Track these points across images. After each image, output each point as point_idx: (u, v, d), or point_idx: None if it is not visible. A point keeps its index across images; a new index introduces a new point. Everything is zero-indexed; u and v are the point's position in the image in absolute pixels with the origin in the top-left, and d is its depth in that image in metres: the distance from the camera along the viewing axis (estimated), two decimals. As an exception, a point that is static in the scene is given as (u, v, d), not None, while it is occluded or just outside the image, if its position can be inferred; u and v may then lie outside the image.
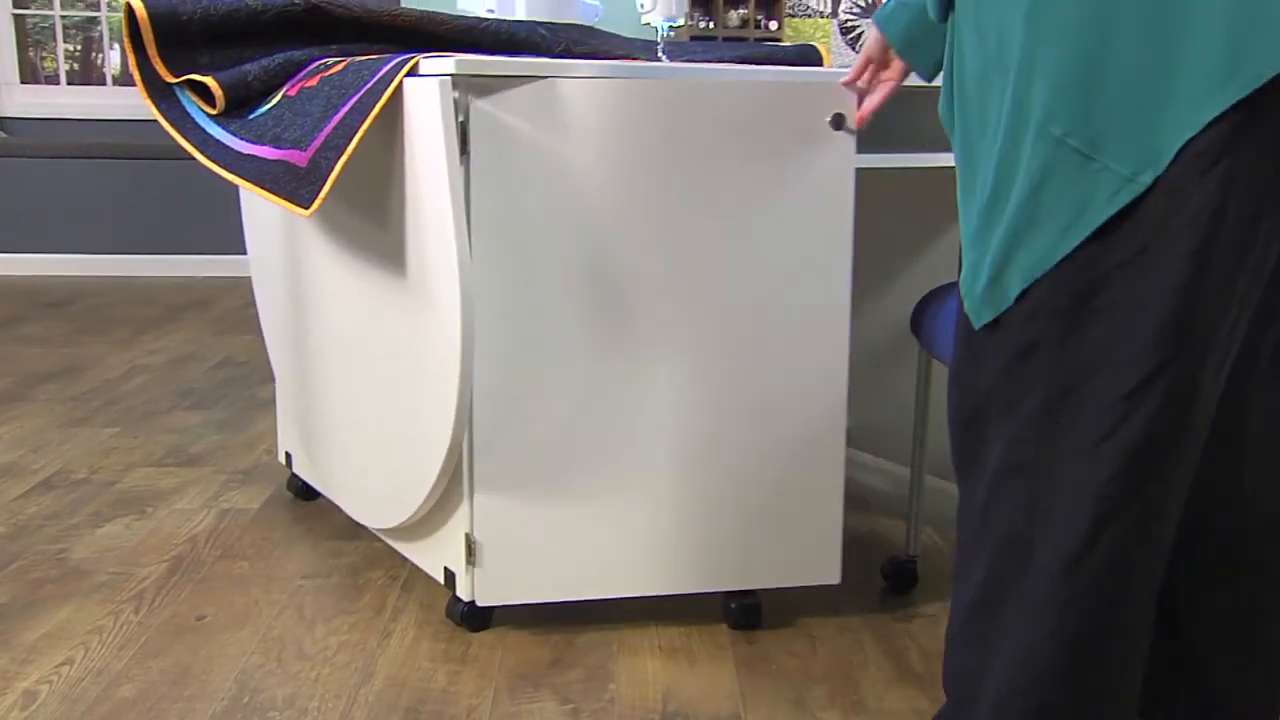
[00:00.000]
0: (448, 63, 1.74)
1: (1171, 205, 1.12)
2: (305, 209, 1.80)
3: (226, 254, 5.75)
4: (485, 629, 1.96)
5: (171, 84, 2.04)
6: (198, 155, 1.99)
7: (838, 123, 1.87)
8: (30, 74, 6.14)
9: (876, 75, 1.78)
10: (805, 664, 1.87)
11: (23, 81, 5.96)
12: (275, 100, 1.97)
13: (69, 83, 6.06)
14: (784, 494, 1.96)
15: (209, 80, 1.98)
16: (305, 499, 2.56)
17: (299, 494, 2.56)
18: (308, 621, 2.00)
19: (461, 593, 1.93)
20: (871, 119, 1.86)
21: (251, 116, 1.98)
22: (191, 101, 2.05)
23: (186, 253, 5.82)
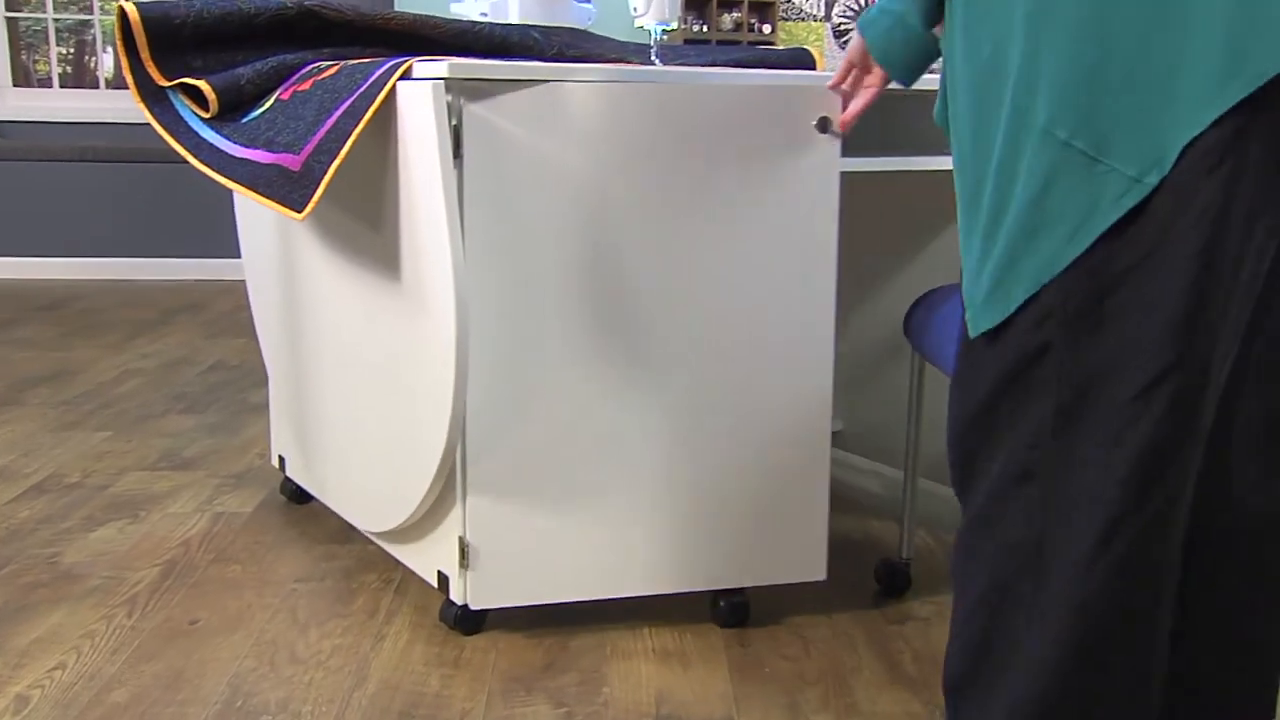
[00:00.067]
0: (441, 66, 1.74)
1: (1178, 205, 1.11)
2: (298, 213, 1.80)
3: (220, 257, 5.74)
4: (478, 632, 1.96)
5: (164, 87, 2.04)
6: (191, 159, 1.99)
7: (823, 126, 1.88)
8: (23, 77, 6.13)
9: (860, 80, 1.78)
10: (798, 667, 1.88)
11: (15, 84, 5.95)
12: (268, 104, 1.97)
13: (62, 86, 6.05)
14: (771, 494, 1.98)
15: (202, 84, 1.98)
16: (298, 503, 2.55)
17: (292, 498, 2.56)
18: (301, 625, 2.00)
19: (455, 596, 1.93)
20: (856, 123, 1.87)
21: (244, 120, 1.98)
22: (184, 105, 2.04)
23: (179, 256, 5.81)
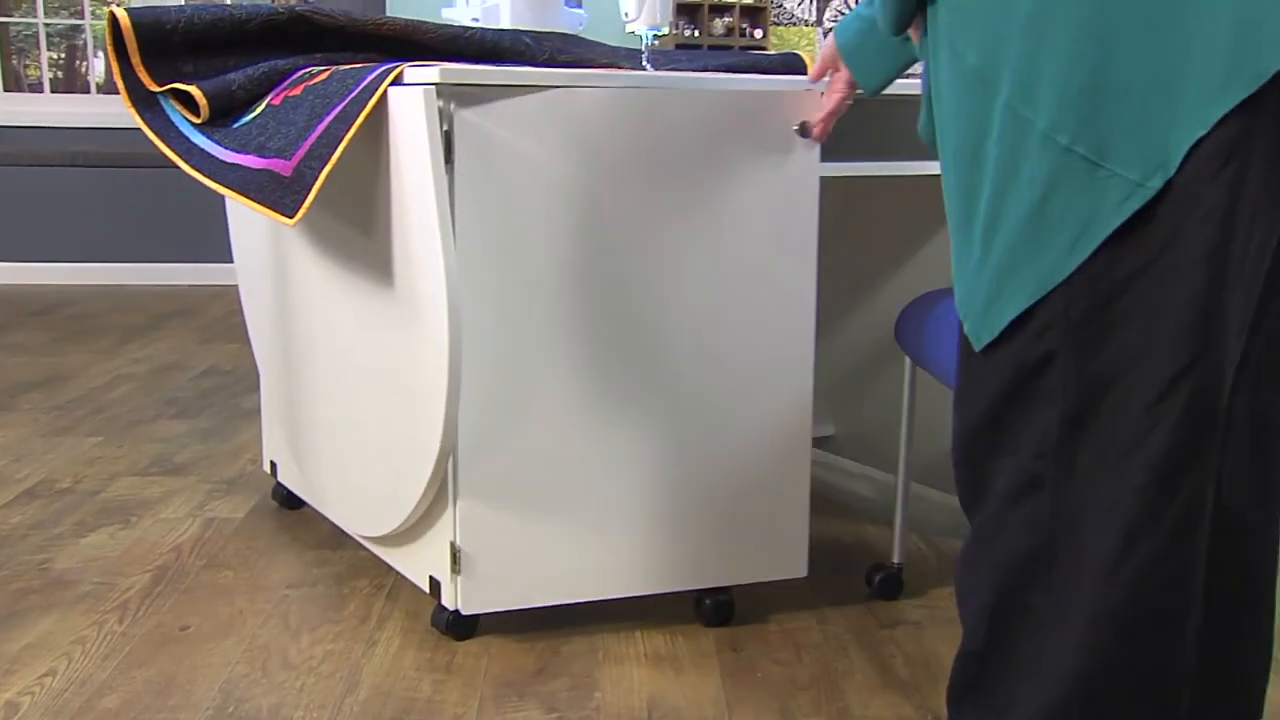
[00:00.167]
0: (432, 72, 1.74)
1: (1183, 208, 1.11)
2: (290, 218, 1.80)
3: (212, 262, 5.74)
4: (470, 637, 1.96)
5: (156, 93, 2.04)
6: (182, 164, 1.99)
7: (804, 131, 1.90)
8: (13, 82, 6.12)
9: (832, 82, 1.79)
10: (790, 671, 1.88)
11: (6, 89, 5.94)
12: (259, 109, 1.96)
13: (53, 91, 6.05)
14: (754, 495, 2.00)
15: (193, 89, 1.98)
16: (290, 508, 2.55)
17: (284, 503, 2.56)
18: (293, 631, 1.99)
19: (446, 601, 1.93)
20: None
21: (236, 125, 1.98)
22: (176, 110, 2.04)
23: (172, 261, 5.80)
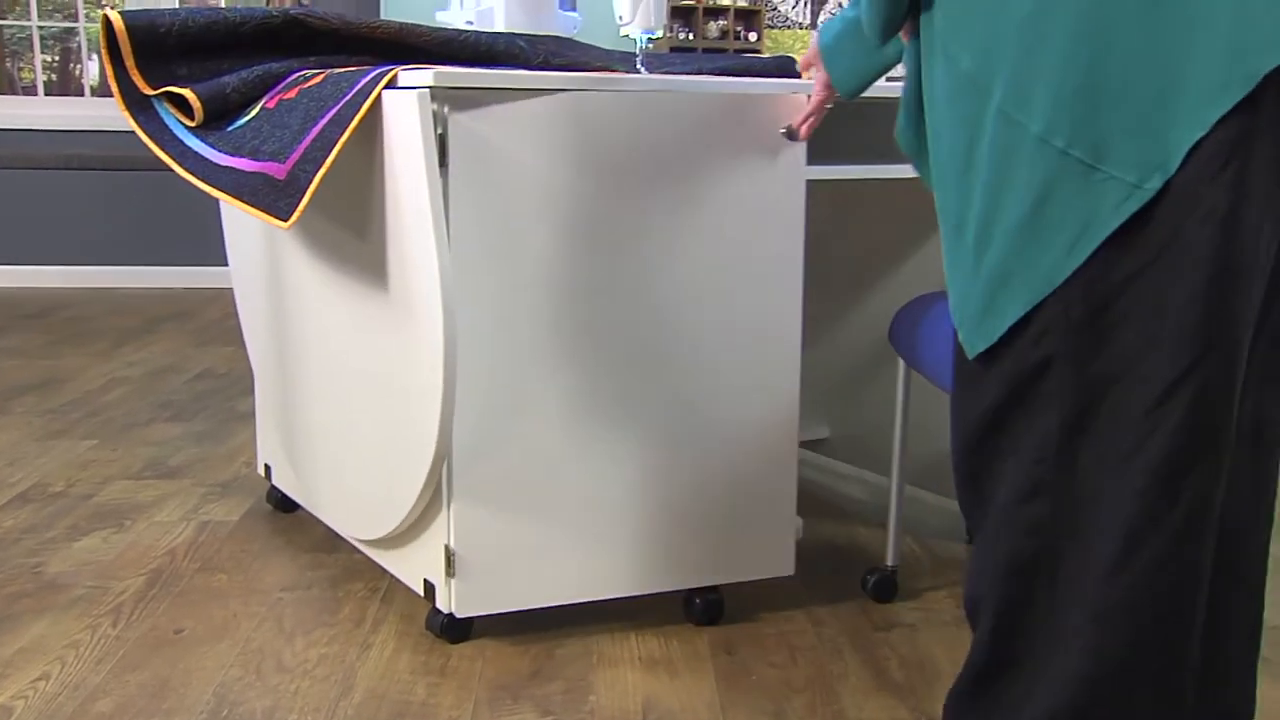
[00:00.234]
0: (426, 75, 1.74)
1: (1182, 209, 1.10)
2: (284, 221, 1.80)
3: (206, 265, 5.73)
4: (465, 640, 1.96)
5: (149, 96, 2.04)
6: (176, 167, 1.99)
7: (790, 134, 1.92)
8: (7, 85, 6.11)
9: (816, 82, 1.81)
10: (785, 674, 1.88)
11: (0, 93, 5.93)
12: (254, 112, 1.96)
13: (47, 93, 6.04)
14: (742, 495, 2.02)
15: (187, 92, 1.98)
16: (285, 511, 2.55)
17: (278, 506, 2.56)
18: (287, 634, 1.99)
19: (441, 604, 1.93)
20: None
21: (230, 129, 1.97)
22: (170, 113, 2.04)
23: (166, 264, 5.79)
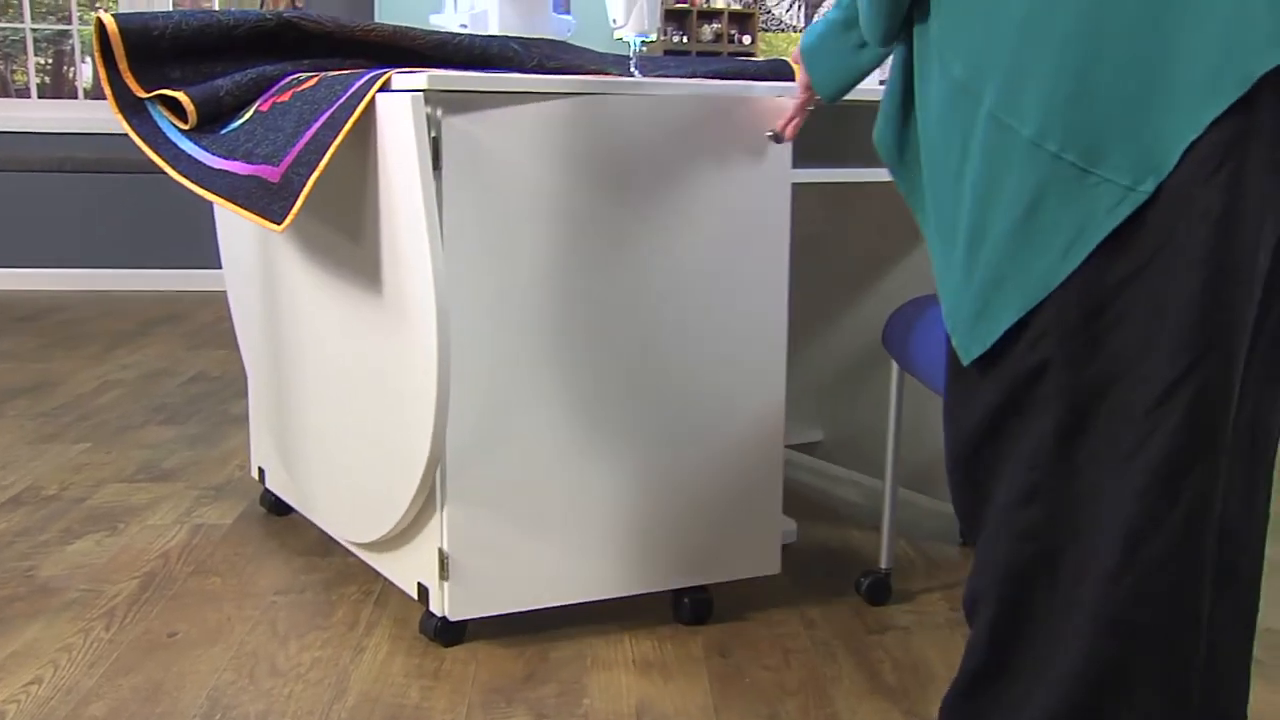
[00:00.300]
0: (420, 78, 1.74)
1: (1177, 211, 1.10)
2: (278, 225, 1.79)
3: (200, 268, 5.72)
4: (459, 644, 1.96)
5: (143, 99, 2.03)
6: (169, 170, 1.98)
7: (776, 137, 1.94)
8: (0, 87, 6.10)
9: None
10: (779, 677, 1.88)
11: (-7, 95, 5.93)
12: (247, 115, 1.96)
13: (40, 96, 6.03)
14: (730, 496, 2.03)
15: (180, 95, 1.97)
16: (278, 514, 2.55)
17: (272, 509, 2.55)
18: (280, 637, 1.99)
19: (434, 608, 1.93)
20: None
21: (224, 132, 1.97)
22: (163, 116, 2.04)
23: (160, 267, 5.78)
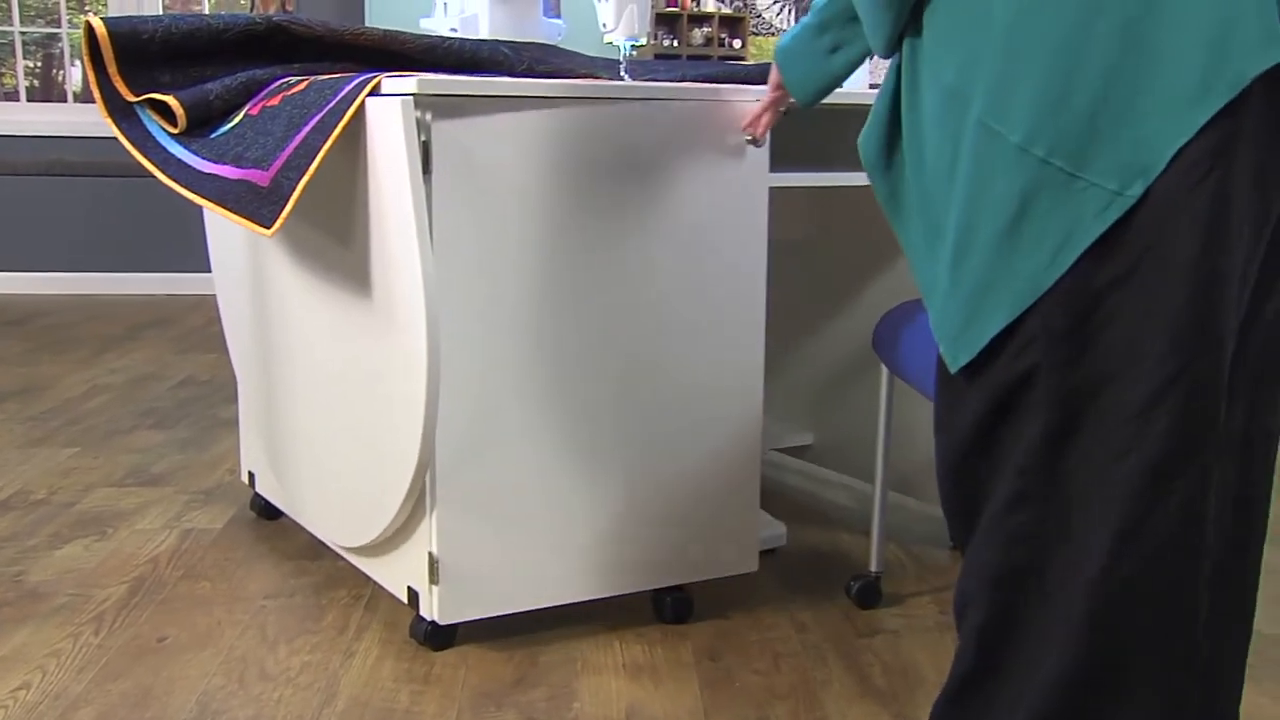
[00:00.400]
0: (410, 82, 1.74)
1: (1165, 215, 1.10)
2: (267, 229, 1.79)
3: (189, 272, 5.71)
4: (449, 647, 1.96)
5: (132, 103, 2.03)
6: (159, 174, 1.98)
7: (754, 139, 1.95)
8: (-10, 90, 6.08)
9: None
10: (769, 681, 1.88)
11: (-18, 98, 5.91)
12: (237, 119, 1.96)
13: (29, 99, 6.01)
14: (710, 498, 2.05)
15: (170, 99, 1.97)
16: (268, 518, 2.54)
17: (262, 513, 2.55)
18: (270, 642, 1.99)
19: (424, 611, 1.93)
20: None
21: (213, 135, 1.97)
22: (153, 120, 2.03)
23: (149, 270, 5.77)
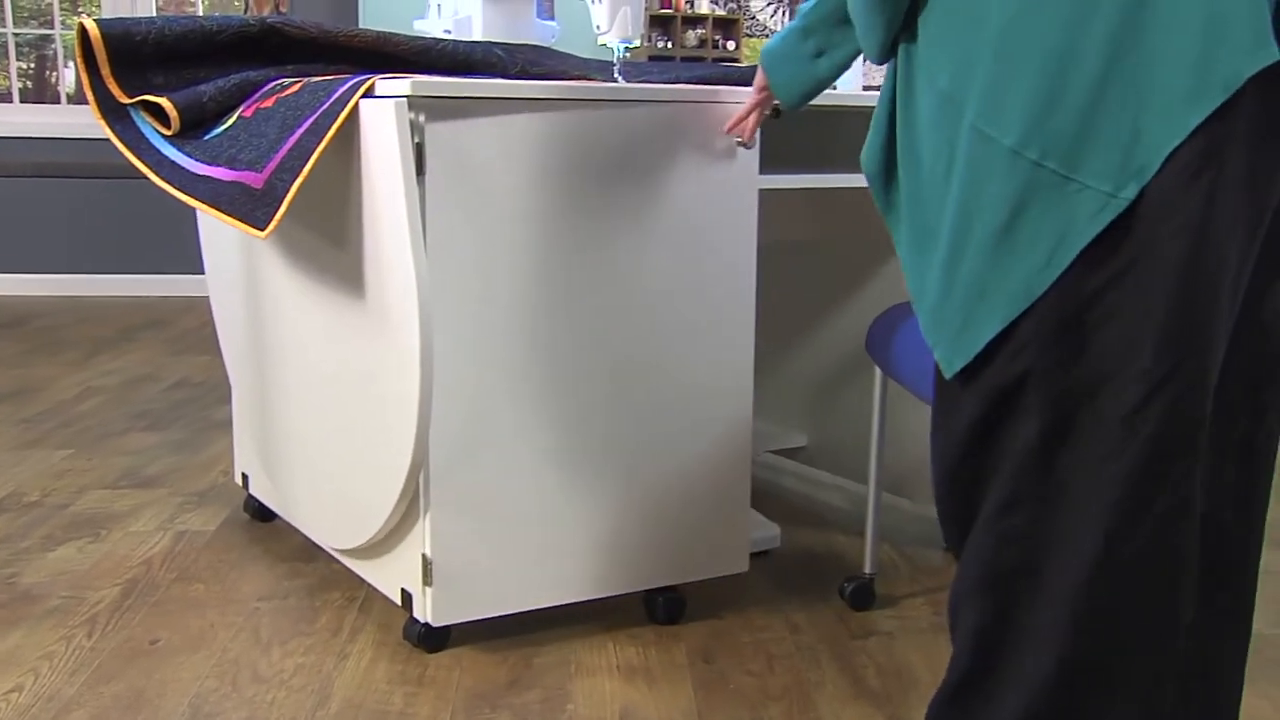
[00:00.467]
0: (404, 84, 1.74)
1: (1157, 217, 1.11)
2: (261, 231, 1.79)
3: (183, 273, 5.70)
4: (442, 649, 1.96)
5: (125, 104, 2.03)
6: (152, 176, 1.98)
7: (745, 142, 1.96)
8: (-17, 92, 6.07)
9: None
10: (762, 683, 1.88)
11: (-25, 99, 5.90)
12: (231, 121, 1.96)
13: (22, 101, 6.01)
14: (702, 499, 2.06)
15: (163, 101, 1.97)
16: (262, 520, 2.54)
17: (255, 515, 2.55)
18: (264, 644, 1.98)
19: (418, 613, 1.92)
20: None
21: (207, 137, 1.97)
22: (146, 122, 2.03)
23: (142, 272, 5.76)
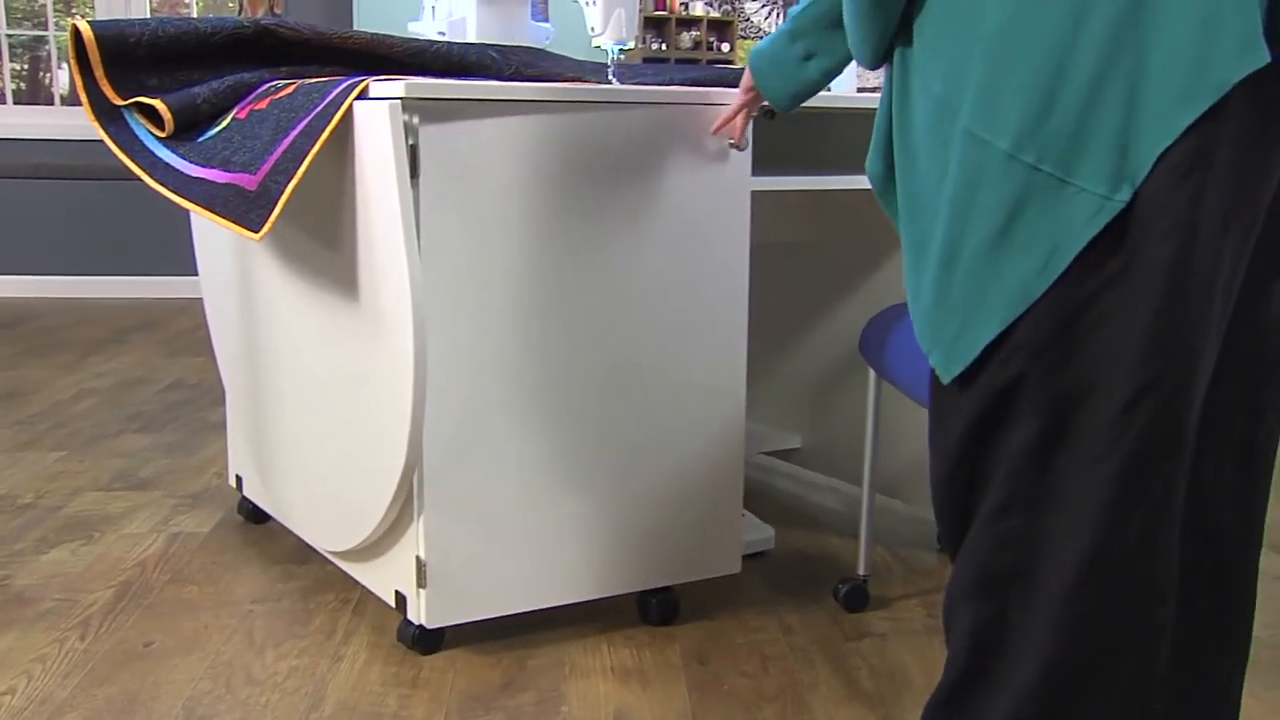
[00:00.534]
0: (398, 86, 1.75)
1: (1148, 219, 1.11)
2: (255, 233, 1.79)
3: (177, 275, 5.70)
4: (436, 651, 1.96)
5: (119, 106, 2.03)
6: (146, 178, 1.98)
7: (737, 144, 1.96)
8: (-24, 93, 6.06)
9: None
10: (756, 684, 1.88)
11: (-32, 101, 5.89)
12: (225, 123, 1.96)
13: (16, 102, 6.00)
14: (695, 500, 2.07)
15: (157, 103, 1.97)
16: (256, 522, 2.54)
17: (249, 517, 2.54)
18: (257, 646, 1.98)
19: (412, 615, 1.92)
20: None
21: (200, 139, 1.97)
22: (140, 124, 2.03)
23: (136, 274, 5.76)
